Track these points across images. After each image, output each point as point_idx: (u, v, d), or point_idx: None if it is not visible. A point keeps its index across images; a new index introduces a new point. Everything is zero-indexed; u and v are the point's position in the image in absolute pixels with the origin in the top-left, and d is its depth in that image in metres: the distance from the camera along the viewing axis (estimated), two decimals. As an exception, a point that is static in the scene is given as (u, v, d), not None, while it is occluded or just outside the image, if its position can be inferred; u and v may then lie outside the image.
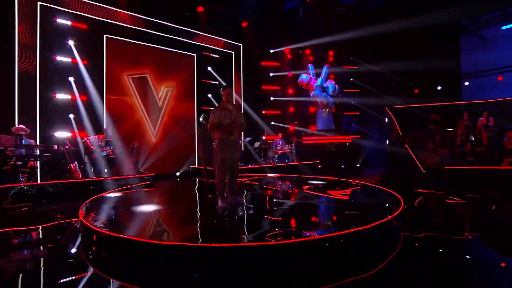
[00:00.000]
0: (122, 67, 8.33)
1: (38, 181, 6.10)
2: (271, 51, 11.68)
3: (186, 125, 9.76)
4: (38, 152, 6.21)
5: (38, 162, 6.36)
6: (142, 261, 2.51)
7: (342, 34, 11.38)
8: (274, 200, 4.45)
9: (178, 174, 9.28)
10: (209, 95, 10.30)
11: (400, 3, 11.14)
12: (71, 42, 7.41)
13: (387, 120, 10.53)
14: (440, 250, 2.94)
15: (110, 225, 3.11)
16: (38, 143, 6.59)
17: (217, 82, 10.60)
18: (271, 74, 11.84)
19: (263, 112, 11.57)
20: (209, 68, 10.33)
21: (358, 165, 10.61)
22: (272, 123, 11.79)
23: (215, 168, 3.85)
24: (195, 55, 10.03)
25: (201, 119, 6.05)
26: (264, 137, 10.62)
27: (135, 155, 7.19)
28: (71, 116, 7.38)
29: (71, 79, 7.44)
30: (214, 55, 10.50)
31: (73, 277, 2.46)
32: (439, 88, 12.41)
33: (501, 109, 9.16)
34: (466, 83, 12.22)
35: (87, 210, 3.73)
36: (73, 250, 3.18)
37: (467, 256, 2.98)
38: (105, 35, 8.00)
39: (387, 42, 11.37)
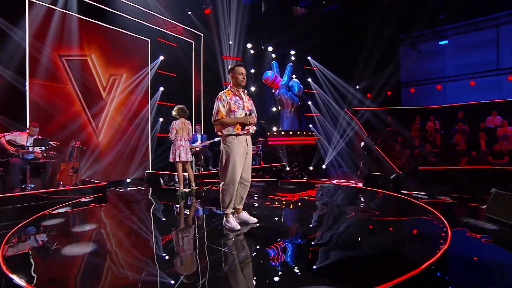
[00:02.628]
0: (54, 45, 6.37)
1: None
2: (231, 43, 10.76)
3: (138, 122, 8.14)
4: None
5: None
6: None
7: (300, 35, 11.27)
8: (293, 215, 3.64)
9: (128, 181, 7.64)
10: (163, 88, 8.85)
11: (351, 10, 11.50)
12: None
13: (349, 122, 10.69)
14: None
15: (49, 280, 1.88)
16: None
17: (174, 74, 9.22)
18: (229, 67, 10.90)
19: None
20: (165, 57, 8.85)
21: (324, 166, 10.49)
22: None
23: (222, 176, 2.85)
24: (149, 40, 8.48)
25: (174, 113, 4.88)
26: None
27: (75, 158, 5.48)
28: None
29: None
30: (171, 43, 9.09)
31: None
32: (388, 93, 13.32)
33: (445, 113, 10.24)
34: (412, 90, 13.38)
35: (9, 248, 2.34)
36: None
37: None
38: (28, -1, 5.99)
39: (339, 46, 11.68)
